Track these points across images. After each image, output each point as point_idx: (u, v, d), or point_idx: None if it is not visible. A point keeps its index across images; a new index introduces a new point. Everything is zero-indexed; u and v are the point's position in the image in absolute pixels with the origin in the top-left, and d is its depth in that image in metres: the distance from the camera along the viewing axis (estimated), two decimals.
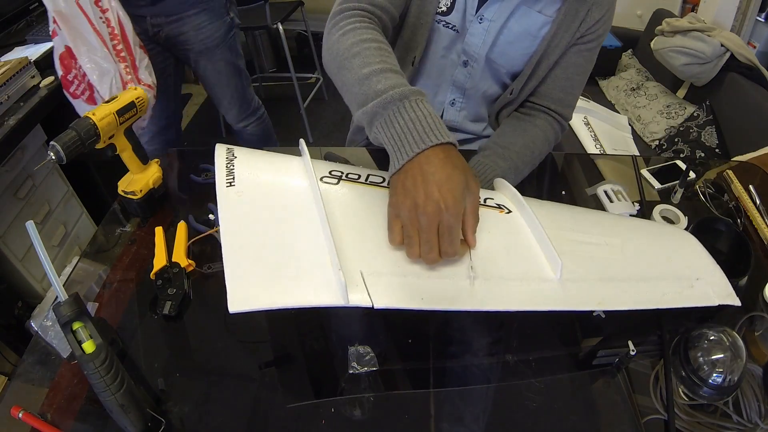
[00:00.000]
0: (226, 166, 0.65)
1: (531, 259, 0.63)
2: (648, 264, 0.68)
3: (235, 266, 0.54)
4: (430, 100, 0.99)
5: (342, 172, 0.69)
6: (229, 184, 0.63)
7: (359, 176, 0.69)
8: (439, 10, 0.87)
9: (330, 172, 0.68)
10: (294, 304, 0.53)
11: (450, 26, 0.88)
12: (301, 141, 0.72)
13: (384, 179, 0.70)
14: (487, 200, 0.70)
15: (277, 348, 0.69)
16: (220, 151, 0.68)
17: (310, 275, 0.55)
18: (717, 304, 0.65)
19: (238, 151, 0.69)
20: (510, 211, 0.69)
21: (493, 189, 0.77)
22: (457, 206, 0.55)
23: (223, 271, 0.53)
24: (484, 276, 0.59)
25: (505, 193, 0.73)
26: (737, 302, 0.66)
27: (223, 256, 0.55)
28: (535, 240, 0.65)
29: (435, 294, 0.56)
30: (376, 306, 0.53)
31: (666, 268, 0.68)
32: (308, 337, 0.69)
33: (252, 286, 0.53)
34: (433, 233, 0.55)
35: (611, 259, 0.67)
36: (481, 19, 0.85)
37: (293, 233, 0.60)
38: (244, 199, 0.62)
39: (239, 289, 0.52)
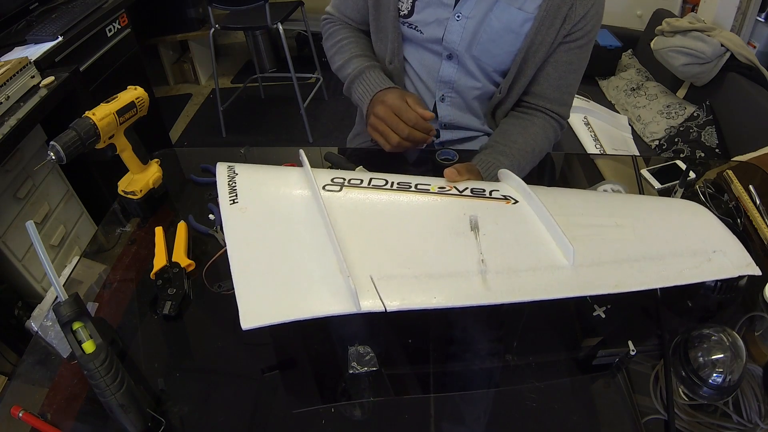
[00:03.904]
0: (228, 184, 0.66)
1: (542, 248, 0.63)
2: (662, 241, 0.67)
3: (244, 283, 0.54)
4: (420, 97, 1.00)
5: (344, 179, 0.69)
6: (232, 202, 0.63)
7: (361, 181, 0.69)
8: (401, 13, 0.89)
9: (332, 180, 0.69)
10: (306, 316, 0.52)
11: (413, 27, 0.90)
12: (301, 152, 0.72)
13: (387, 181, 0.70)
14: (493, 192, 0.70)
15: (277, 348, 0.69)
16: (221, 169, 0.69)
17: (320, 285, 0.55)
18: (737, 275, 0.64)
19: (239, 167, 0.70)
20: (516, 202, 0.69)
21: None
22: (396, 97, 0.82)
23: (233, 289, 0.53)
24: (495, 269, 0.59)
25: (510, 183, 0.73)
26: (757, 271, 0.64)
27: (232, 273, 0.55)
28: (545, 228, 0.65)
29: (448, 292, 0.56)
30: (388, 310, 0.53)
31: (681, 243, 0.67)
32: (308, 337, 0.69)
33: (263, 301, 0.53)
34: (392, 117, 0.81)
35: (623, 240, 0.66)
36: (458, 15, 0.86)
37: (300, 245, 0.60)
38: (249, 215, 0.62)
39: (250, 305, 0.52)
